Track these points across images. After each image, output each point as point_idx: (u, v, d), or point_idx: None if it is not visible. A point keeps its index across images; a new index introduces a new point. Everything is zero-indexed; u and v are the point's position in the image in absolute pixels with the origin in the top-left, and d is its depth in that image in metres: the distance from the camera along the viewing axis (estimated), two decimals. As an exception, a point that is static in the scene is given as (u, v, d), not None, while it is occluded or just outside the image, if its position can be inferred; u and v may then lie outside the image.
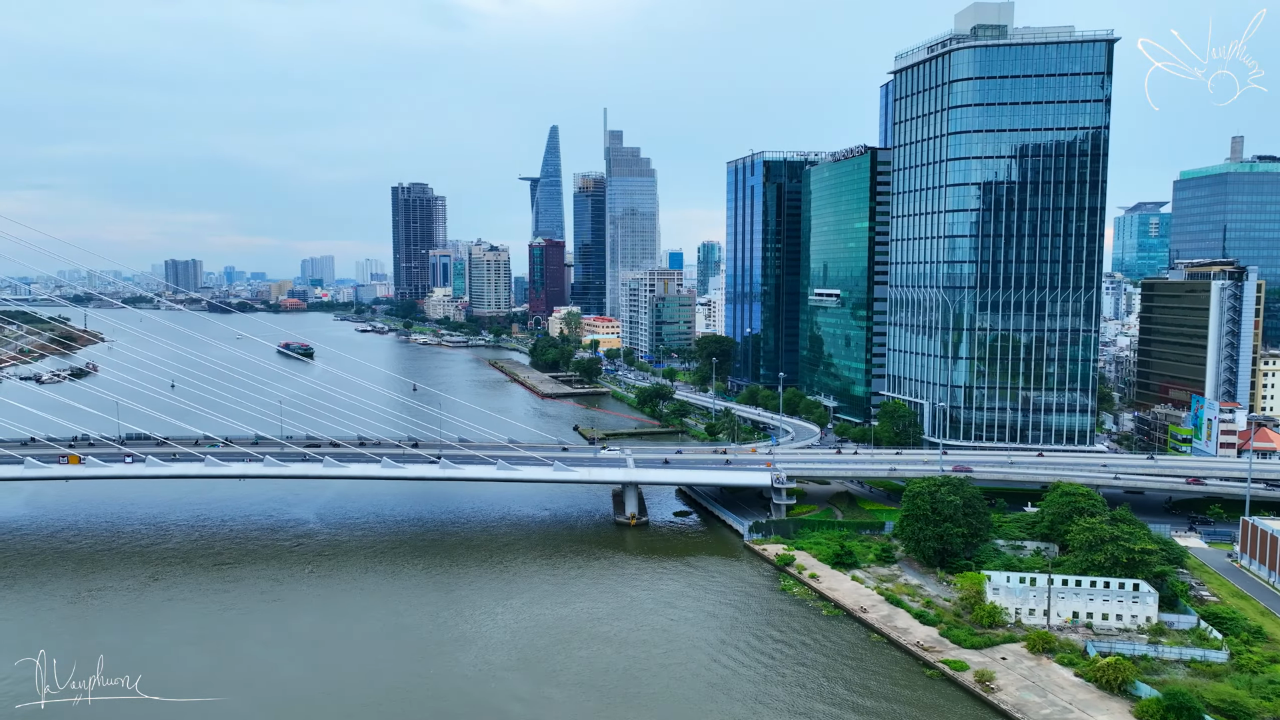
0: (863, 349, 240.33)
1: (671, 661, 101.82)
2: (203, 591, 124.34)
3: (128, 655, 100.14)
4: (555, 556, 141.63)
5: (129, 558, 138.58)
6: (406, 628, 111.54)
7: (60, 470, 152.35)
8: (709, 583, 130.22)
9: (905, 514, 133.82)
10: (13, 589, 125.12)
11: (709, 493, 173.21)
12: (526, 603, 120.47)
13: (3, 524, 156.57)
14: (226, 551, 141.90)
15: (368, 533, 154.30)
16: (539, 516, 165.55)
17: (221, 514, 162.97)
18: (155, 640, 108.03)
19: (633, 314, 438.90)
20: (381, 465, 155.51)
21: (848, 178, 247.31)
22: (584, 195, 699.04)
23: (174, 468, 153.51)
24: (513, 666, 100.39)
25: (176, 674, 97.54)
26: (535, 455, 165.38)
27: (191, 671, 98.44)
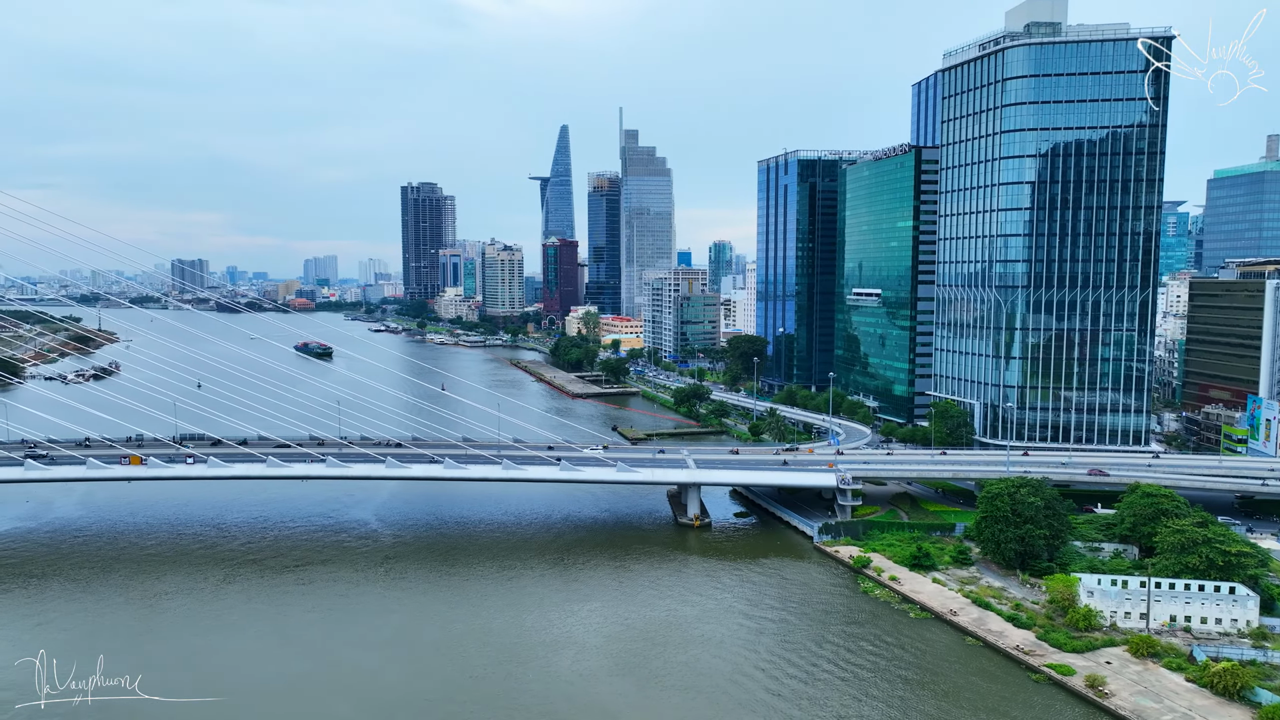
0: (906, 349, 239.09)
1: (770, 665, 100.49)
2: (281, 593, 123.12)
3: (128, 655, 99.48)
4: (623, 558, 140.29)
5: (197, 559, 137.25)
6: (492, 630, 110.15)
7: (122, 471, 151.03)
8: (787, 584, 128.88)
9: (983, 515, 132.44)
10: (88, 591, 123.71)
11: (765, 493, 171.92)
12: (608, 605, 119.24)
13: (62, 526, 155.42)
14: (292, 553, 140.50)
15: (430, 533, 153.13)
16: (599, 518, 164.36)
17: (280, 515, 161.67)
18: (239, 644, 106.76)
19: (655, 313, 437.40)
20: (444, 466, 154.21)
21: (889, 177, 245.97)
22: (598, 195, 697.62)
23: (235, 469, 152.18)
24: (613, 671, 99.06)
25: (176, 674, 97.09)
26: (598, 456, 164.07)
27: (270, 673, 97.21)
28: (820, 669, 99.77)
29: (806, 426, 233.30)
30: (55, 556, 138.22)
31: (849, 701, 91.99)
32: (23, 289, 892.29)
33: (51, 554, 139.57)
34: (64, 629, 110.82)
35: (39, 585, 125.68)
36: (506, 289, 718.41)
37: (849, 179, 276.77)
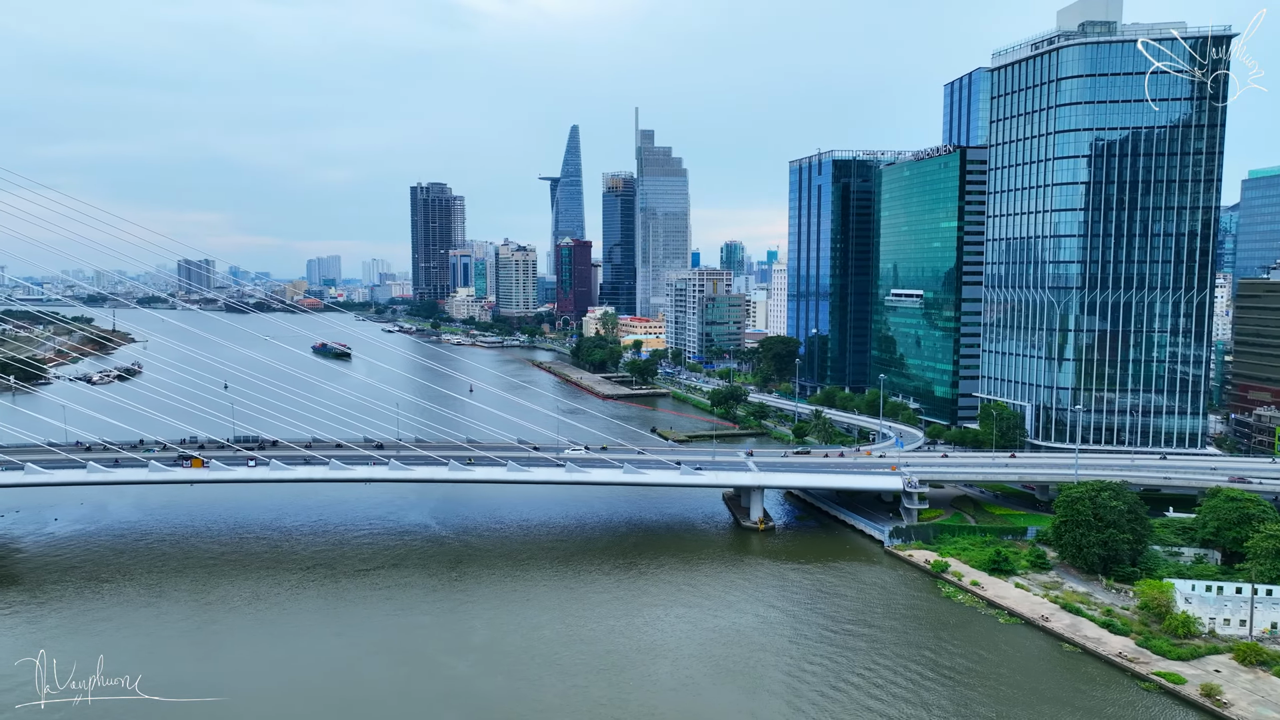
0: (949, 350, 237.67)
1: (869, 672, 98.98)
2: (358, 598, 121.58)
3: (128, 655, 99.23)
4: (693, 562, 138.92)
5: (267, 562, 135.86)
6: (582, 637, 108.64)
7: (184, 474, 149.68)
8: (865, 589, 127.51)
9: (1062, 519, 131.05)
10: (164, 596, 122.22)
11: (822, 495, 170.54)
12: (692, 610, 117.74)
13: (124, 529, 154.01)
14: (360, 556, 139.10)
15: (493, 536, 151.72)
16: (659, 521, 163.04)
17: (340, 518, 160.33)
18: (327, 651, 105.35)
19: (678, 314, 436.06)
20: (507, 469, 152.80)
21: (932, 177, 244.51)
22: (613, 195, 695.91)
23: (298, 471, 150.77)
24: (717, 678, 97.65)
25: (176, 674, 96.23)
26: (660, 459, 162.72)
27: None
28: (921, 675, 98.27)
29: (849, 428, 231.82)
30: (124, 560, 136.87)
31: (957, 709, 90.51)
32: (27, 289, 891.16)
33: (119, 558, 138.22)
34: (148, 634, 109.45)
35: (114, 590, 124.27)
36: (520, 289, 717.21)
37: (886, 179, 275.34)
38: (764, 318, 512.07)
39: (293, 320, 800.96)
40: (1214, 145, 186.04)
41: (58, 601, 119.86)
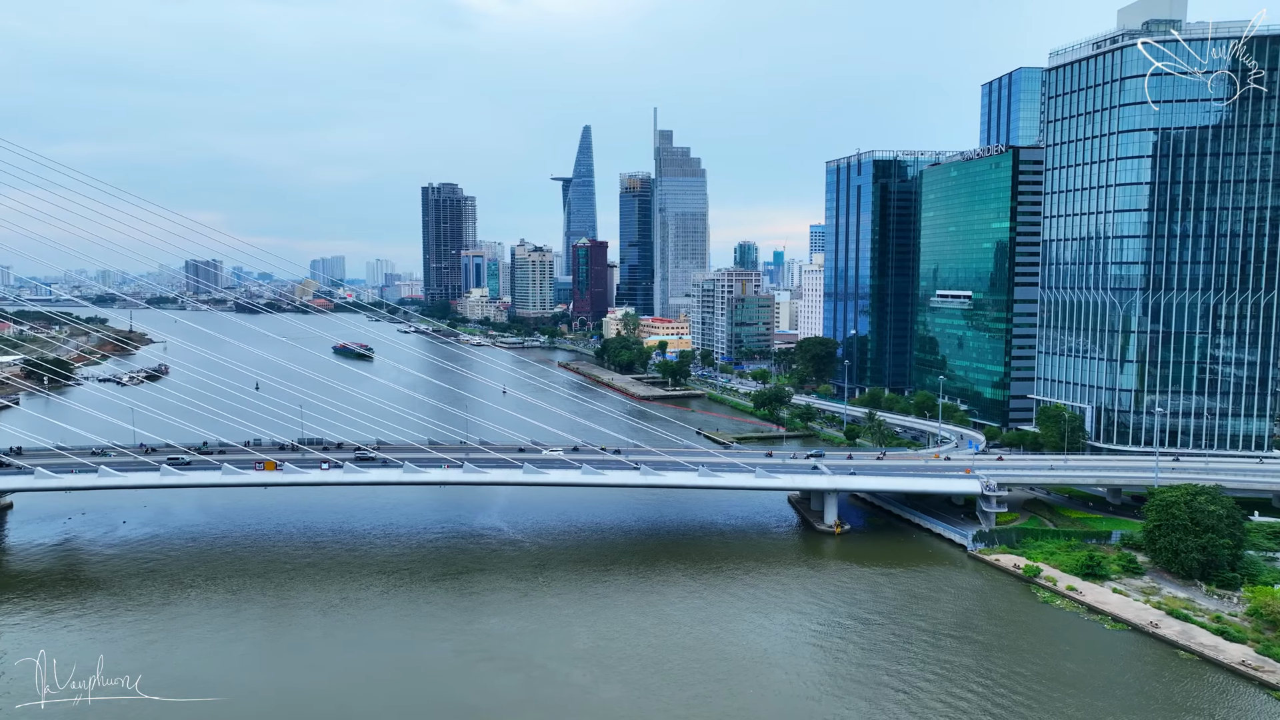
0: (1001, 351, 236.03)
1: (987, 685, 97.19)
2: (452, 602, 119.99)
3: (127, 655, 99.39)
4: (774, 564, 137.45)
5: (350, 567, 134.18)
6: (688, 645, 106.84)
7: (258, 476, 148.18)
8: (959, 594, 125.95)
9: (1155, 524, 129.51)
10: (253, 601, 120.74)
11: (890, 498, 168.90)
12: (793, 616, 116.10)
13: (196, 532, 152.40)
14: (439, 561, 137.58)
15: (569, 539, 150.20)
16: (729, 524, 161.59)
17: (410, 521, 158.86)
18: (456, 658, 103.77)
19: (705, 314, 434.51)
20: (582, 472, 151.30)
21: (983, 177, 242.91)
22: (630, 195, 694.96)
23: (372, 474, 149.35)
24: (835, 687, 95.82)
25: (176, 674, 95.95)
26: (736, 462, 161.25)
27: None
28: (1041, 684, 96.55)
29: (903, 430, 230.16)
30: (204, 564, 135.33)
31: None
32: (34, 289, 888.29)
33: (200, 562, 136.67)
34: (264, 645, 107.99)
35: (199, 595, 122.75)
36: (537, 290, 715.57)
37: (930, 180, 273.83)
38: (786, 318, 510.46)
39: (305, 321, 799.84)
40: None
41: (144, 606, 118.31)
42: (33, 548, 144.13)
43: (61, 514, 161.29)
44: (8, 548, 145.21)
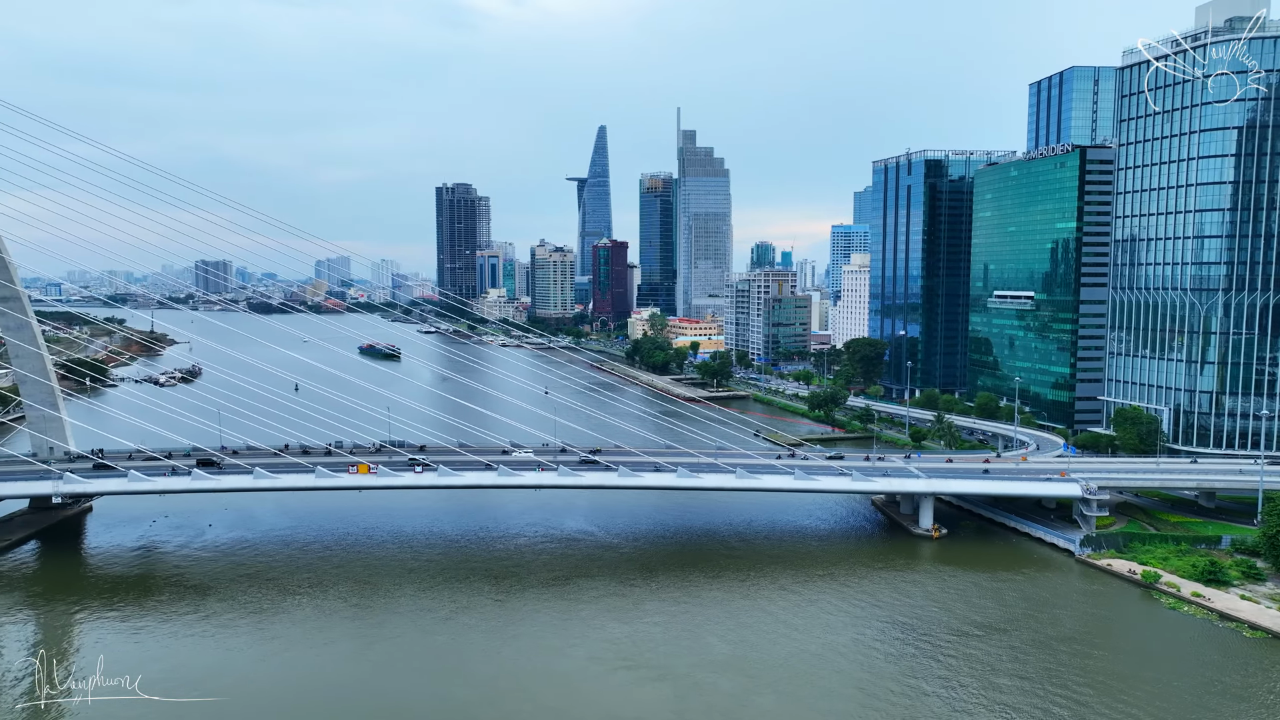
0: (1066, 353, 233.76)
1: (1167, 699, 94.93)
2: (569, 611, 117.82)
3: (127, 655, 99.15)
4: (882, 569, 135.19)
5: (461, 572, 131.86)
6: (833, 653, 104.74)
7: (351, 480, 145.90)
8: (1087, 602, 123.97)
9: (1278, 529, 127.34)
10: (378, 608, 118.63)
11: (978, 501, 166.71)
12: (923, 624, 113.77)
13: (285, 535, 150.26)
14: (541, 563, 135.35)
15: (665, 543, 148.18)
16: (819, 527, 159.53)
17: (498, 525, 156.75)
18: (592, 666, 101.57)
19: (739, 315, 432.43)
20: (677, 475, 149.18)
21: (1046, 177, 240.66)
22: (652, 195, 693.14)
23: (467, 477, 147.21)
24: (985, 702, 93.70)
25: (175, 674, 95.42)
26: (832, 465, 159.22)
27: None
28: (1205, 697, 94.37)
29: (972, 432, 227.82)
30: (307, 570, 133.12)
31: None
32: (45, 289, 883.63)
33: (297, 567, 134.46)
34: (371, 648, 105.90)
35: (313, 601, 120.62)
36: (558, 290, 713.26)
37: (985, 180, 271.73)
38: (816, 319, 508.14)
39: (320, 321, 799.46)
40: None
41: (261, 612, 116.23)
42: (127, 552, 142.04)
43: (140, 517, 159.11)
44: (101, 551, 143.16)
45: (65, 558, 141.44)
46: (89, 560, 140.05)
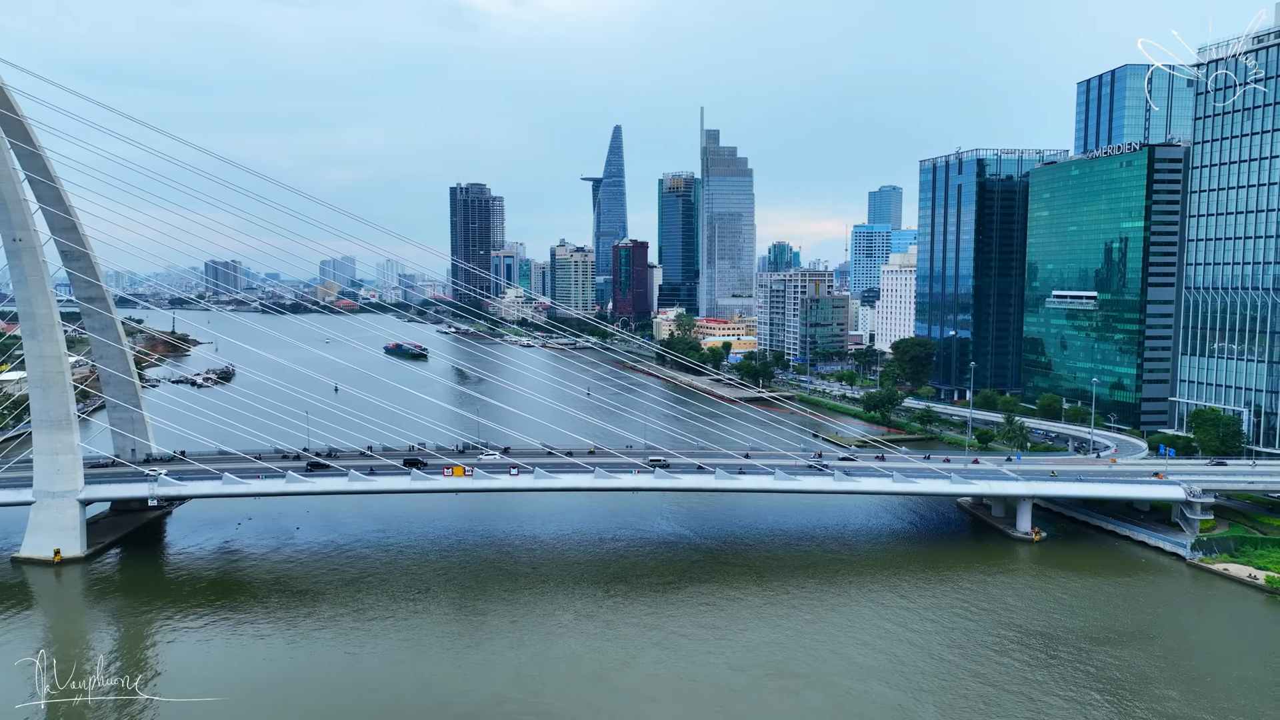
0: (1133, 353, 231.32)
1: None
2: (691, 617, 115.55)
3: (127, 655, 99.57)
4: (993, 573, 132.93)
5: (572, 576, 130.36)
6: (961, 664, 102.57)
7: (447, 483, 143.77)
8: (1211, 607, 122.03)
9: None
10: (499, 614, 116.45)
11: (1069, 504, 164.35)
12: (1055, 630, 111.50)
13: (376, 538, 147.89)
14: (649, 567, 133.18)
15: (766, 547, 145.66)
16: (915, 528, 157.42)
17: (591, 528, 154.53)
18: (737, 675, 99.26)
19: (774, 315, 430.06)
20: (774, 478, 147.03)
21: (1111, 175, 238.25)
22: (673, 195, 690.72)
23: (562, 480, 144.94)
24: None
25: (175, 674, 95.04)
26: (930, 467, 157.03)
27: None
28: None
29: (1046, 434, 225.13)
30: (408, 574, 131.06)
31: None
32: (57, 292, 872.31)
33: (400, 571, 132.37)
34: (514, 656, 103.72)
35: (440, 608, 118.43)
36: (580, 290, 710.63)
37: (1043, 179, 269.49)
38: (846, 319, 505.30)
39: (339, 322, 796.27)
40: None
41: (392, 616, 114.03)
42: (222, 556, 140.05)
43: (220, 520, 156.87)
44: (191, 554, 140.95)
45: (164, 561, 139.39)
46: (189, 564, 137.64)
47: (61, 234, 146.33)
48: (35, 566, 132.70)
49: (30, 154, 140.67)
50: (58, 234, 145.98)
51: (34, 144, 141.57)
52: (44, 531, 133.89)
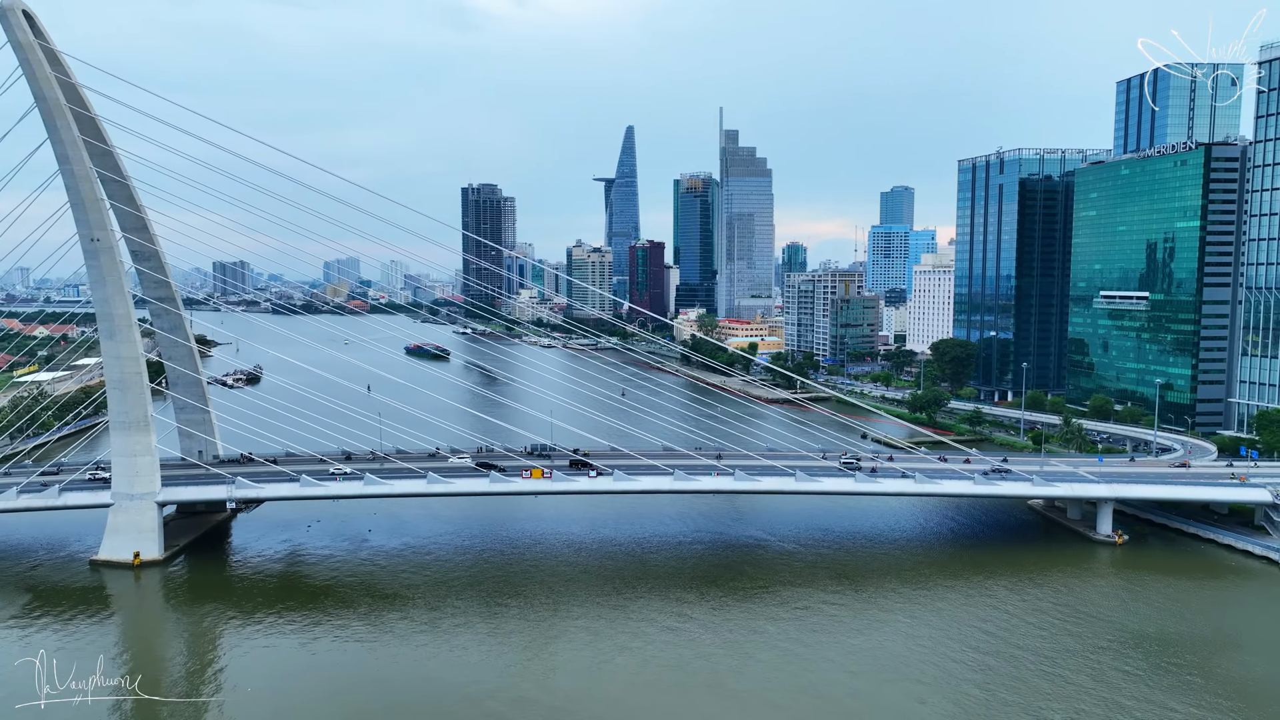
0: (1188, 354, 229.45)
1: None
2: (768, 619, 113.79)
3: (128, 655, 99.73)
4: (1085, 576, 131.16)
5: (664, 580, 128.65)
6: (1103, 677, 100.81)
7: (526, 485, 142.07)
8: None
9: None
10: (598, 618, 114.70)
11: (1143, 506, 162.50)
12: (1176, 638, 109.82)
13: (450, 540, 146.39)
14: (746, 574, 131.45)
15: (829, 549, 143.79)
16: (989, 533, 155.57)
17: (669, 531, 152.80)
18: (857, 681, 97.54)
19: (802, 315, 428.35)
20: (854, 481, 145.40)
21: (1164, 175, 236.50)
22: (691, 195, 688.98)
23: (643, 482, 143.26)
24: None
25: (175, 674, 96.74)
26: (1012, 469, 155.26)
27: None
28: None
29: (1105, 436, 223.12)
30: (501, 578, 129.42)
31: None
32: (64, 292, 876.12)
33: (494, 575, 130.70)
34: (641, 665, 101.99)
35: (572, 616, 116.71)
36: (598, 291, 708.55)
37: (1089, 178, 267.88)
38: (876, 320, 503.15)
39: (348, 322, 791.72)
40: None
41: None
42: (301, 559, 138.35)
43: (288, 523, 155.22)
44: (266, 556, 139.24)
45: (244, 565, 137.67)
46: (266, 566, 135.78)
47: (132, 233, 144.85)
48: (114, 569, 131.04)
49: (102, 152, 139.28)
50: (128, 233, 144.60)
51: (106, 142, 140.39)
52: (122, 534, 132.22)
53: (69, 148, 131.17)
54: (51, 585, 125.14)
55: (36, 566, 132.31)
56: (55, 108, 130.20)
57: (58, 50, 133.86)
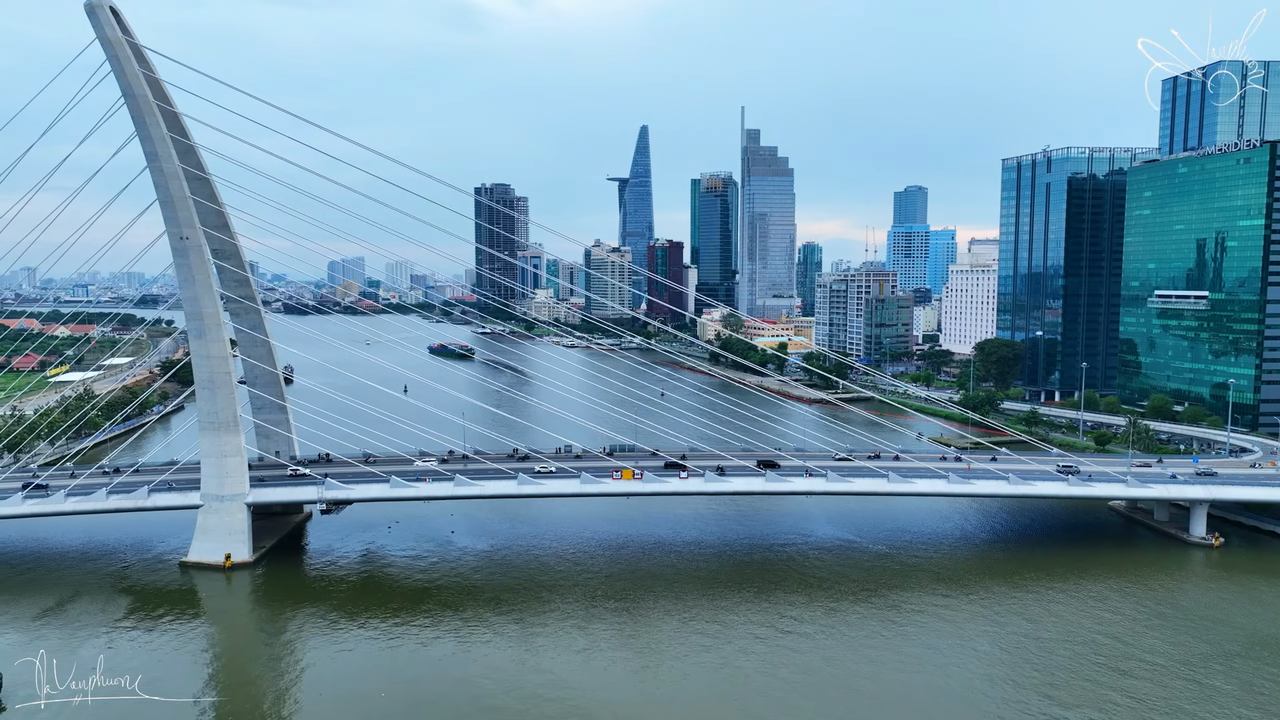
0: (1251, 354, 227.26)
1: None
2: (880, 623, 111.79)
3: (128, 655, 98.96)
4: (1192, 579, 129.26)
5: (769, 580, 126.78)
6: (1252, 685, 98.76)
7: (617, 486, 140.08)
8: None
9: None
10: (718, 621, 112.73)
11: (1228, 508, 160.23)
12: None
13: (534, 540, 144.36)
14: (859, 577, 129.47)
15: (924, 549, 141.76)
16: (1078, 535, 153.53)
17: (759, 533, 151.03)
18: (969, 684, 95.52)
19: (834, 315, 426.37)
20: (948, 482, 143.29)
21: (1226, 173, 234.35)
22: (711, 195, 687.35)
23: (734, 484, 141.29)
24: None
25: (176, 674, 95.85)
26: (1107, 471, 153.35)
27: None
28: None
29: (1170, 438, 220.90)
30: (585, 579, 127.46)
31: None
32: (73, 293, 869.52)
33: (592, 575, 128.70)
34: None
35: (647, 614, 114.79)
36: (616, 291, 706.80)
37: (1143, 177, 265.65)
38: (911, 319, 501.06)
39: (363, 322, 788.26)
40: None
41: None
42: (385, 560, 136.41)
43: (366, 525, 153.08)
44: (350, 557, 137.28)
45: (332, 566, 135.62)
46: (353, 567, 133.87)
47: (213, 230, 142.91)
48: (205, 571, 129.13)
49: (185, 149, 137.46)
50: (209, 230, 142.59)
51: (189, 139, 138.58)
52: (212, 536, 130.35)
53: (158, 144, 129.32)
54: (145, 588, 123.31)
55: (128, 567, 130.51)
56: (144, 104, 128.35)
57: (142, 46, 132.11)
